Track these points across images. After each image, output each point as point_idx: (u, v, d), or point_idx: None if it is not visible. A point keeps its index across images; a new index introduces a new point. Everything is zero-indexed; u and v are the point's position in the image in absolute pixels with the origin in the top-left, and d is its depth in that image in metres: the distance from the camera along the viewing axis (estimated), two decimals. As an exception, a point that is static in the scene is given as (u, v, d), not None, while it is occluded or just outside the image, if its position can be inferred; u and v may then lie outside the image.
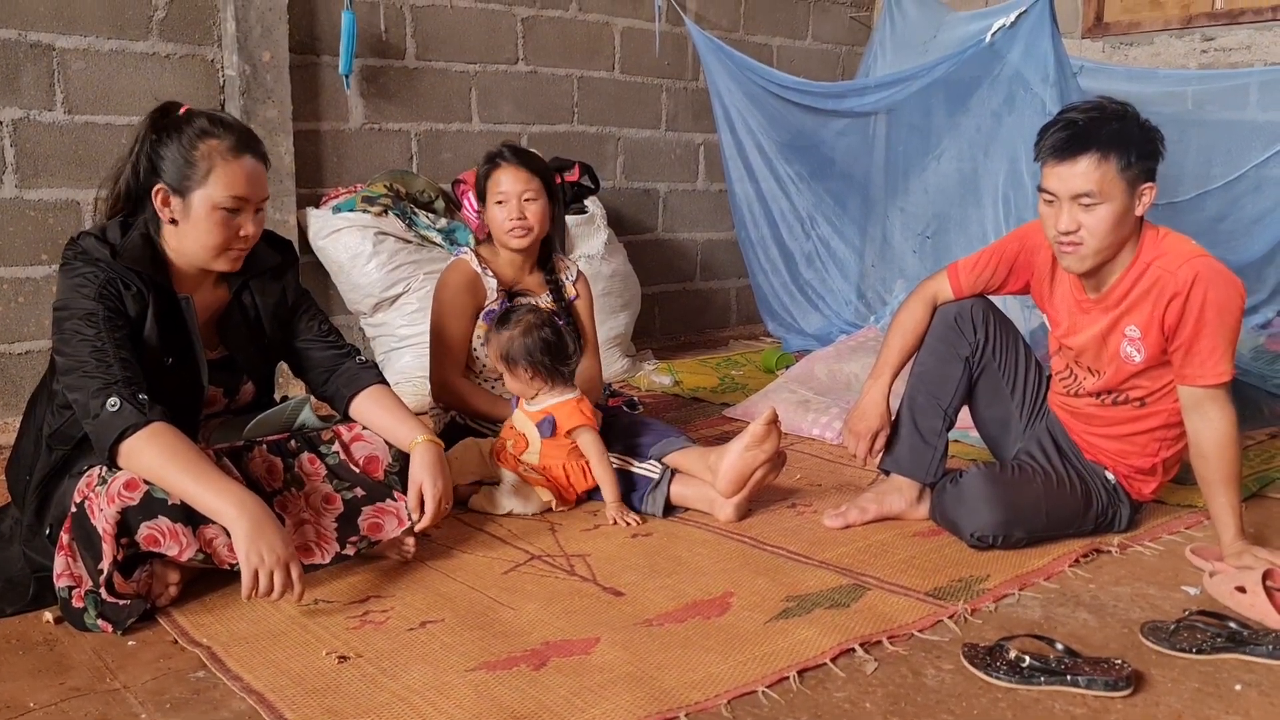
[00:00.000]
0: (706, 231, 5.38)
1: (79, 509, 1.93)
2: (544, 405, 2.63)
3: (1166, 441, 2.42)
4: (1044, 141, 2.24)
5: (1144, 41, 4.96)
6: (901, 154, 4.63)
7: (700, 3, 5.11)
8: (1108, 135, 2.18)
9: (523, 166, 2.85)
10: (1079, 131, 2.19)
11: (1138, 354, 2.32)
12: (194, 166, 2.05)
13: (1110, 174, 2.18)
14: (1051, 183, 2.24)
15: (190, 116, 2.10)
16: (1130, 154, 2.18)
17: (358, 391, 2.32)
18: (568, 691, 1.73)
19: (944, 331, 2.56)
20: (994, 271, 2.53)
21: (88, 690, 1.75)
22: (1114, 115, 2.22)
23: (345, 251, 3.79)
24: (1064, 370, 2.52)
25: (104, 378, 1.94)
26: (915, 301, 2.61)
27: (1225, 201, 4.06)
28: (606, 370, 4.07)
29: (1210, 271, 2.20)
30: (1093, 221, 2.20)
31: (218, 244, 2.09)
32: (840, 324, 4.77)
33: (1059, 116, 2.26)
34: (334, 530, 2.18)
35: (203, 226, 2.08)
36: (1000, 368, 2.58)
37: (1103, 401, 2.44)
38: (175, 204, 2.08)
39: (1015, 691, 1.76)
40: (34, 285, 3.45)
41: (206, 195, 2.06)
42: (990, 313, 2.57)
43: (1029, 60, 3.67)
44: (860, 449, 2.60)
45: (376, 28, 4.08)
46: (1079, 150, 2.18)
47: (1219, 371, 2.21)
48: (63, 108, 3.44)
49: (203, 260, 2.13)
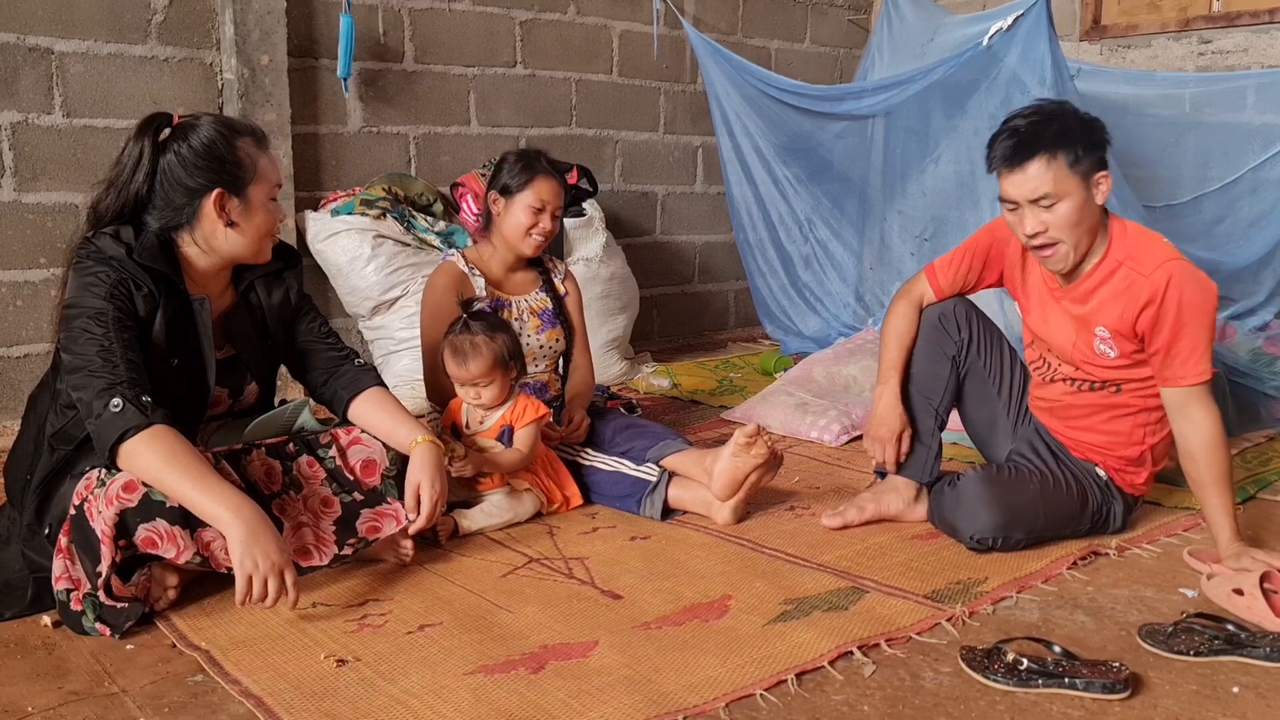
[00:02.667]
0: (704, 234, 5.39)
1: (78, 511, 1.93)
2: (496, 418, 2.63)
3: (1150, 427, 2.43)
4: (993, 153, 2.32)
5: (1141, 44, 4.96)
6: (899, 157, 4.63)
7: (698, 6, 5.11)
8: (1051, 136, 2.25)
9: (557, 180, 2.88)
10: (1023, 138, 2.26)
11: (1112, 351, 2.36)
12: (243, 166, 2.12)
13: (1061, 171, 2.24)
14: (1009, 190, 2.30)
15: (199, 121, 2.12)
16: (1076, 148, 2.25)
17: (357, 394, 2.33)
18: (566, 695, 1.74)
19: (930, 332, 2.61)
20: (969, 267, 2.59)
21: (86, 694, 1.75)
22: (1053, 115, 2.29)
23: (344, 254, 3.79)
24: (1037, 360, 2.56)
25: (109, 378, 1.94)
26: (902, 305, 2.66)
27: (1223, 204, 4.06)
28: (605, 373, 4.08)
29: (1183, 274, 2.24)
30: (1056, 219, 2.26)
31: (268, 231, 2.21)
32: (838, 326, 4.77)
33: (1003, 126, 2.33)
34: (332, 533, 2.18)
35: (259, 218, 2.17)
36: (985, 367, 2.62)
37: (1078, 388, 2.45)
38: (233, 205, 2.12)
39: (1013, 694, 1.76)
40: (32, 289, 3.45)
41: (259, 189, 2.15)
42: (973, 312, 2.63)
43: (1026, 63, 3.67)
44: (888, 455, 2.59)
45: (375, 31, 4.08)
46: (1026, 155, 2.25)
47: (1199, 371, 2.24)
48: (61, 111, 3.45)
49: (254, 252, 2.20)
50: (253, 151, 2.14)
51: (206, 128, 2.11)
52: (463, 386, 2.62)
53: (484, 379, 2.57)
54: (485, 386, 2.59)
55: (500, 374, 2.58)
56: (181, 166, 2.09)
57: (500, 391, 2.60)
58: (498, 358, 2.57)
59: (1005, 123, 2.33)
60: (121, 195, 2.11)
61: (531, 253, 2.89)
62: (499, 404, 2.63)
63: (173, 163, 2.09)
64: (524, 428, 2.61)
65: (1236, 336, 3.77)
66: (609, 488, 2.69)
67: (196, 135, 2.10)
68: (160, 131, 2.11)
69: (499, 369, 2.58)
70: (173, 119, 2.13)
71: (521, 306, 2.92)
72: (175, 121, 2.12)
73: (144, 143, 2.10)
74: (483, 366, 2.55)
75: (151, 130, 2.11)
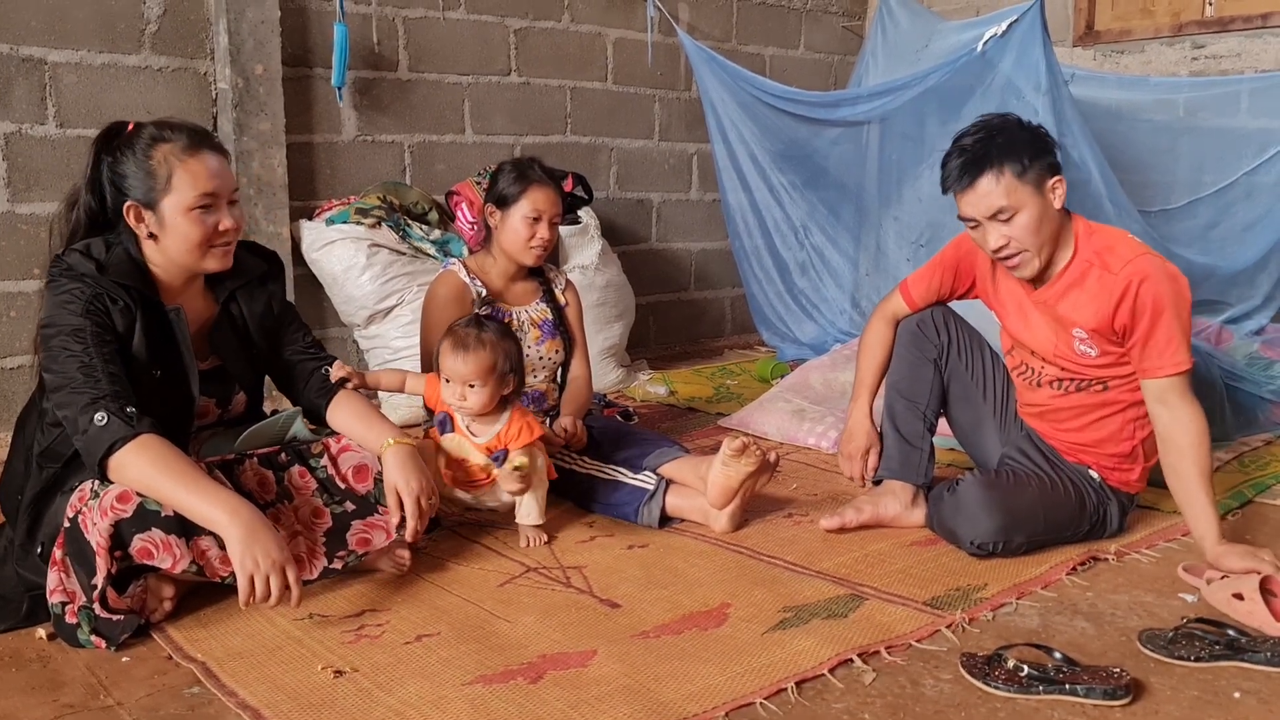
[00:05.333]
0: (700, 241, 5.39)
1: (72, 524, 1.92)
2: (494, 432, 2.49)
3: (1140, 421, 2.43)
4: (945, 175, 2.36)
5: (1135, 49, 4.98)
6: (895, 163, 4.63)
7: (693, 13, 5.12)
8: (997, 151, 2.29)
9: (554, 188, 2.87)
10: (970, 157, 2.31)
11: (1092, 350, 2.38)
12: (154, 176, 2.05)
13: (1012, 183, 2.28)
14: (966, 209, 2.35)
15: (139, 129, 2.10)
16: (1023, 159, 2.28)
17: (329, 399, 2.32)
18: (565, 705, 1.73)
19: (910, 339, 2.65)
20: (941, 280, 2.63)
21: (81, 707, 1.74)
22: (997, 129, 2.33)
23: (339, 264, 3.78)
24: (1020, 366, 2.57)
25: (92, 392, 1.93)
26: (877, 322, 2.71)
27: (1218, 208, 4.07)
28: (601, 381, 4.07)
29: (1152, 268, 2.27)
30: (1017, 230, 2.30)
31: (199, 243, 2.09)
32: (835, 333, 4.77)
33: (952, 146, 2.37)
34: (323, 545, 2.16)
35: (181, 231, 2.07)
36: (968, 369, 2.65)
37: (1065, 389, 2.46)
38: (149, 218, 2.07)
39: (1014, 701, 1.75)
40: (25, 300, 3.44)
41: (176, 201, 2.06)
42: (950, 317, 2.66)
43: (1021, 69, 3.67)
44: (855, 470, 2.70)
45: (369, 40, 4.08)
46: (975, 174, 2.29)
47: (1178, 361, 2.26)
48: (55, 121, 3.44)
49: (191, 264, 2.12)
50: (171, 160, 2.04)
51: (134, 136, 2.07)
52: (450, 384, 2.46)
53: (478, 380, 2.42)
54: (475, 390, 2.43)
55: (494, 382, 2.45)
56: (109, 180, 2.08)
57: (488, 401, 2.45)
58: (498, 363, 2.44)
59: (955, 142, 2.37)
60: (76, 210, 2.12)
61: (533, 262, 2.89)
62: (482, 414, 2.48)
63: (106, 176, 2.08)
64: (522, 450, 2.47)
65: (1233, 340, 3.78)
66: (606, 496, 2.68)
67: (123, 146, 2.07)
68: (105, 143, 2.10)
69: (494, 376, 2.44)
70: (126, 128, 2.11)
71: (522, 318, 2.91)
72: (128, 130, 2.10)
73: (91, 155, 2.10)
74: (480, 366, 2.42)
75: (98, 142, 2.10)
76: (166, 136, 2.07)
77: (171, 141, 2.07)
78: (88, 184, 2.10)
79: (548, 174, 2.89)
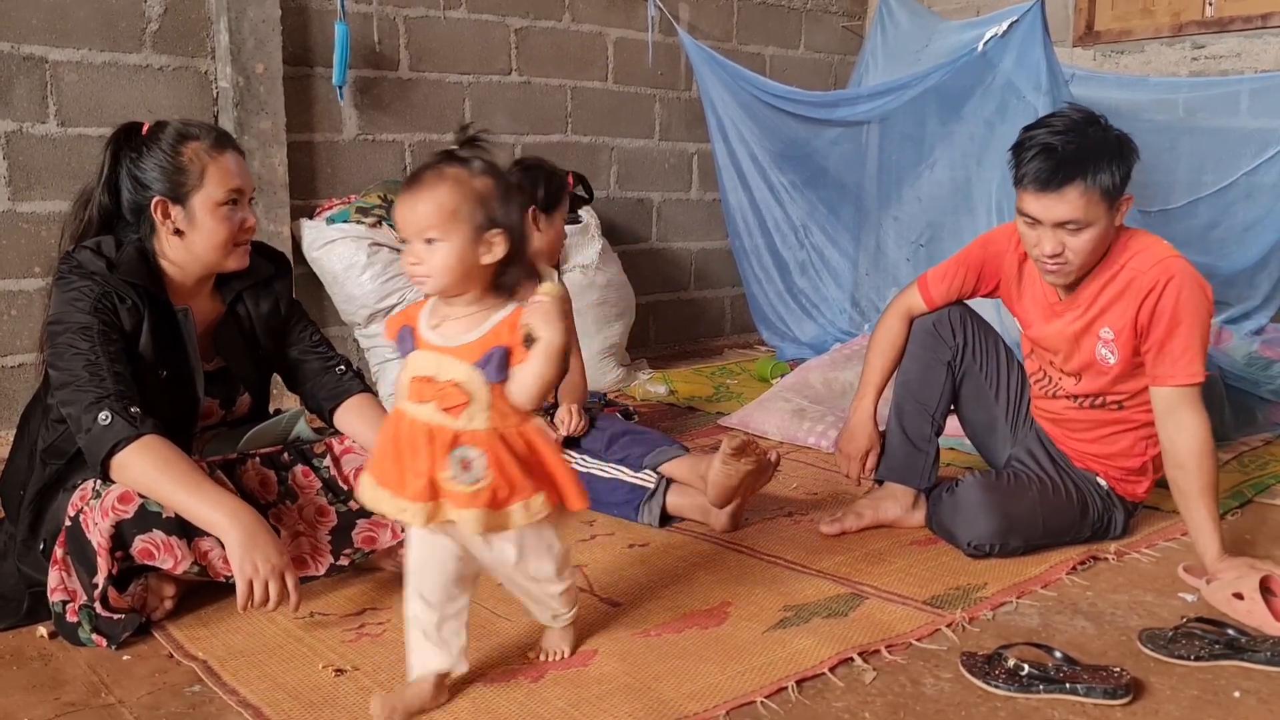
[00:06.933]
0: (700, 241, 5.39)
1: (73, 523, 1.92)
2: (481, 331, 1.63)
3: (1152, 440, 2.39)
4: (1024, 169, 2.21)
5: (1135, 50, 4.98)
6: (894, 163, 4.64)
7: (693, 13, 5.12)
8: (1092, 162, 2.16)
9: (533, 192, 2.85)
10: (1062, 160, 2.16)
11: (1112, 356, 2.33)
12: (185, 172, 2.06)
13: (1095, 200, 2.18)
14: (1034, 209, 2.22)
15: (159, 127, 2.10)
16: (1115, 176, 2.18)
17: (340, 402, 2.31)
18: (566, 704, 1.73)
19: (924, 339, 2.58)
20: (963, 280, 2.56)
21: (82, 705, 1.74)
22: (1095, 141, 2.19)
23: (339, 262, 3.78)
24: (1038, 372, 2.54)
25: (97, 391, 1.93)
26: (891, 318, 2.63)
27: (1217, 209, 4.07)
28: (601, 380, 4.08)
29: (1182, 272, 2.22)
30: (1078, 244, 2.22)
31: (226, 240, 2.11)
32: (835, 332, 4.78)
33: (1034, 139, 2.21)
34: (328, 543, 2.17)
35: (210, 226, 2.09)
36: (982, 370, 2.60)
37: (1081, 405, 2.44)
38: (176, 213, 2.08)
39: (1014, 700, 1.75)
40: (26, 298, 3.44)
41: (206, 196, 2.07)
42: (968, 317, 2.60)
43: (1021, 69, 3.68)
44: (853, 469, 2.64)
45: (370, 39, 4.08)
46: (1065, 181, 2.16)
47: (1191, 372, 2.21)
48: (56, 120, 3.44)
49: (214, 261, 2.13)
50: (202, 157, 2.06)
51: (157, 134, 2.09)
52: (407, 247, 1.62)
53: (435, 229, 1.58)
54: (435, 248, 1.58)
55: (465, 238, 1.59)
56: (130, 177, 2.08)
57: (456, 268, 1.59)
58: (465, 207, 1.58)
59: (1035, 135, 2.22)
60: (89, 209, 2.12)
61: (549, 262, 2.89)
62: (453, 295, 1.64)
63: (126, 174, 2.09)
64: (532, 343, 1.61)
65: (1232, 341, 3.78)
66: (606, 495, 2.68)
67: (147, 143, 2.08)
68: (122, 142, 2.10)
69: (463, 227, 1.58)
70: (141, 129, 2.11)
71: None
72: (144, 131, 2.11)
73: (106, 154, 2.10)
74: (437, 208, 1.58)
75: (114, 141, 2.10)
76: (194, 134, 2.09)
77: (200, 139, 2.08)
78: (103, 183, 2.10)
79: (550, 172, 2.89)
